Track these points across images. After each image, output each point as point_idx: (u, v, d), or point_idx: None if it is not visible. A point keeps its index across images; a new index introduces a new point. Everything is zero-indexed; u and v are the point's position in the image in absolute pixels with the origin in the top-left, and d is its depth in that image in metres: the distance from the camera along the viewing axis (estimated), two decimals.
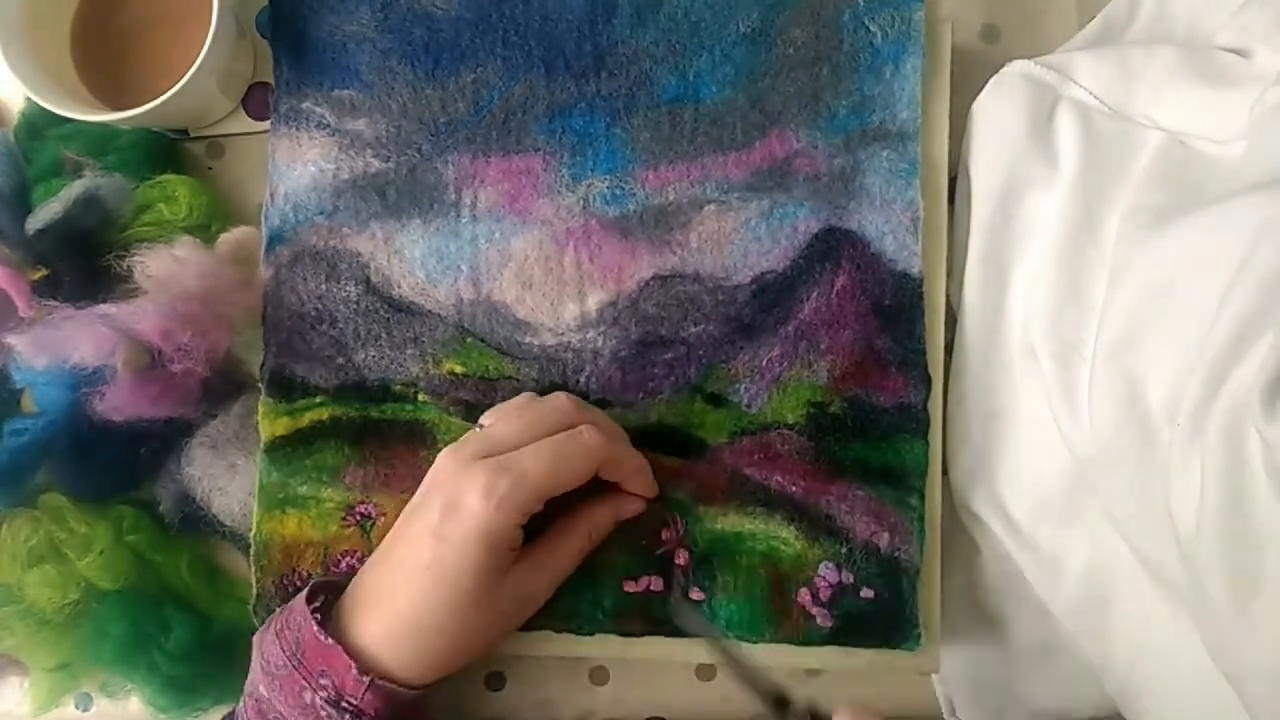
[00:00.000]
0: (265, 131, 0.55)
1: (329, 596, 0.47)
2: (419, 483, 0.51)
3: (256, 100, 0.56)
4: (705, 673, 0.55)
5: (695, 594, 0.50)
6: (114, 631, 0.52)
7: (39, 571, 0.52)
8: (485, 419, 0.48)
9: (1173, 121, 0.49)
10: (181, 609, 0.53)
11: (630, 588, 0.50)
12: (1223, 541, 0.40)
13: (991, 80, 0.52)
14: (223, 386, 0.53)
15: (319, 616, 0.45)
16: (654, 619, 0.50)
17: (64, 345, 0.48)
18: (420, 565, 0.44)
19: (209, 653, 0.53)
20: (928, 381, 0.51)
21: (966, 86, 0.52)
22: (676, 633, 0.50)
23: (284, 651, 0.45)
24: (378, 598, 0.45)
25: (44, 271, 0.52)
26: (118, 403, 0.49)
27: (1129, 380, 0.46)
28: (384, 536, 0.49)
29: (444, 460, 0.46)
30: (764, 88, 0.52)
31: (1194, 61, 0.49)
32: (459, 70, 0.53)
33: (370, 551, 0.51)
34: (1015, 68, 0.51)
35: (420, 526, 0.45)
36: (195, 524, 0.53)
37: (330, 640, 0.44)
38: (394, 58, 0.53)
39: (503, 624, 0.47)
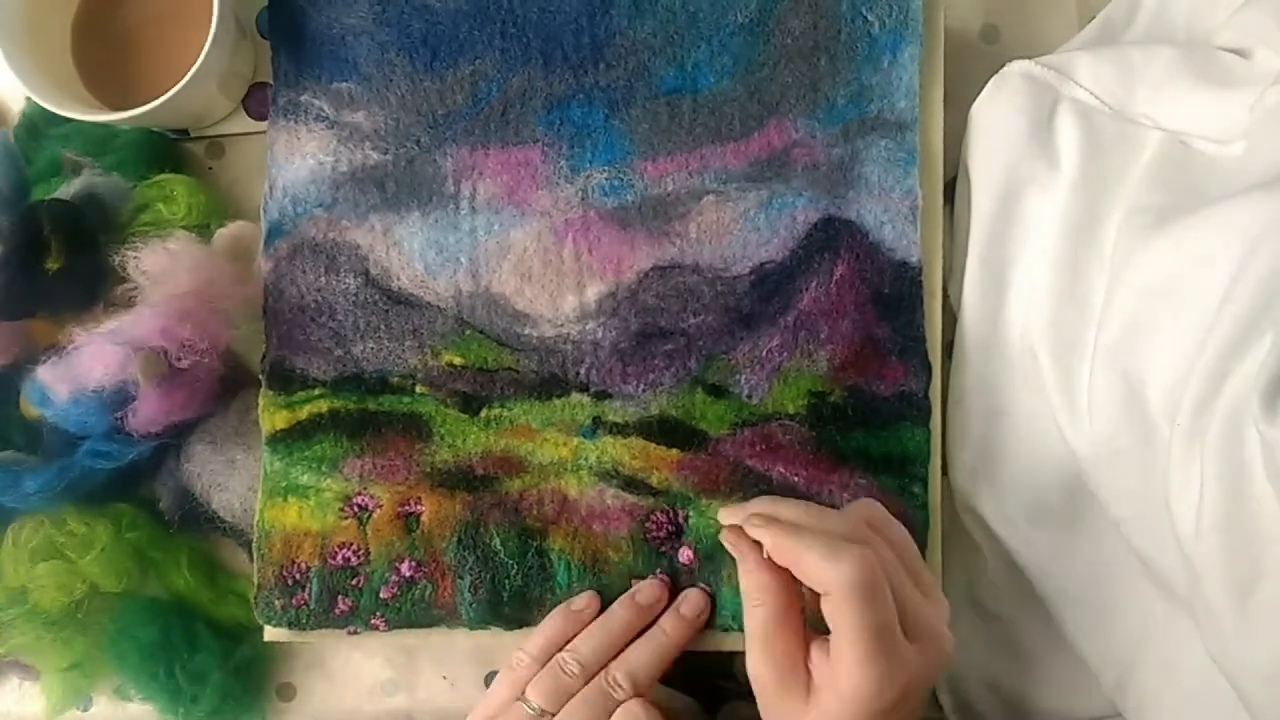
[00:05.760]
0: (265, 132, 0.55)
1: None
2: (413, 474, 0.51)
3: (256, 100, 0.56)
4: None
5: (701, 589, 0.49)
6: (142, 636, 0.52)
7: (44, 568, 0.52)
8: (535, 698, 0.45)
9: (1173, 121, 0.49)
10: (213, 632, 0.53)
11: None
12: (1222, 541, 0.40)
13: (991, 80, 0.52)
14: (223, 382, 0.53)
15: None
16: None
17: (80, 374, 0.48)
18: None
19: (228, 679, 0.53)
20: (928, 369, 0.51)
21: (966, 86, 0.52)
22: None
23: None
24: None
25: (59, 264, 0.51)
26: (150, 414, 0.49)
27: (1129, 380, 0.46)
28: (380, 533, 0.50)
29: None
30: (762, 78, 0.52)
31: (1194, 61, 0.49)
32: (457, 62, 0.53)
33: (366, 545, 0.51)
34: (1015, 68, 0.51)
35: None
36: (195, 521, 0.53)
37: None
38: (392, 50, 0.53)
39: None
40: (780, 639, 0.41)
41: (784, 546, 0.41)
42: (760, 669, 0.41)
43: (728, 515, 0.46)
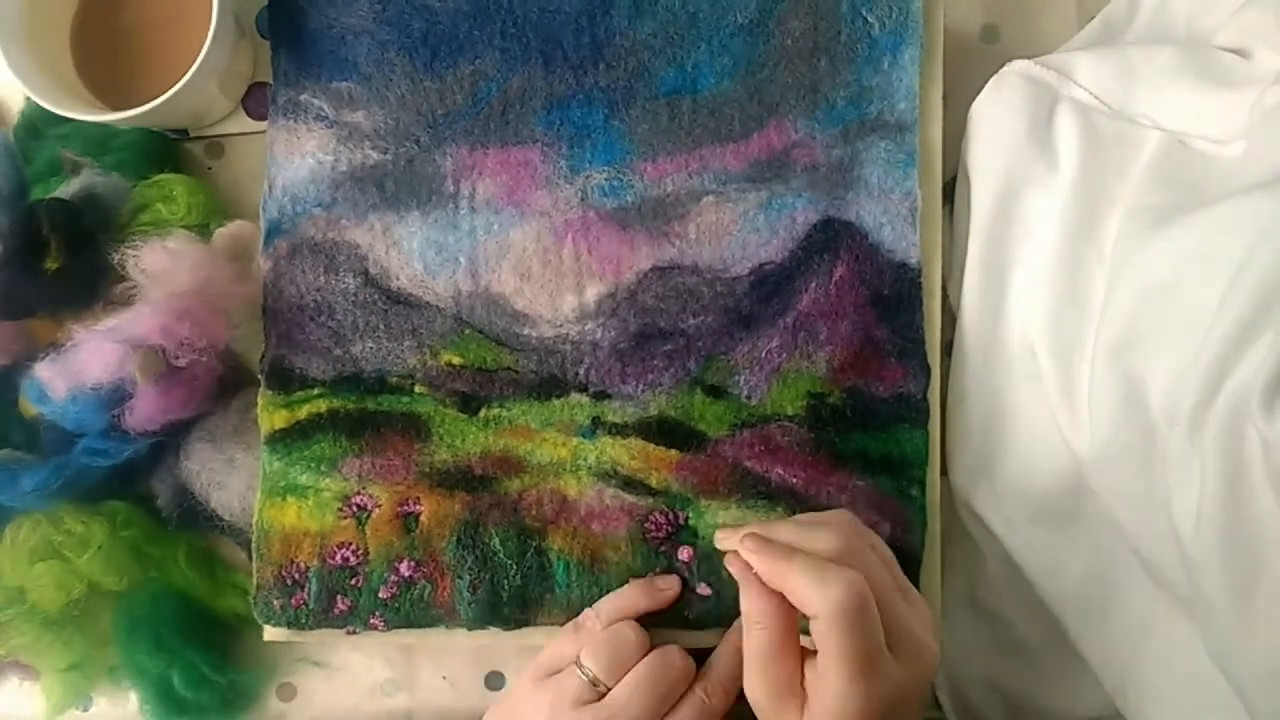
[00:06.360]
0: (265, 131, 0.55)
1: None
2: (412, 474, 0.51)
3: (256, 100, 0.56)
4: None
5: (702, 589, 0.49)
6: (146, 632, 0.52)
7: (42, 567, 0.52)
8: (591, 665, 0.45)
9: (1173, 121, 0.49)
10: (215, 631, 0.54)
11: None
12: (1222, 542, 0.40)
13: (991, 80, 0.52)
14: (221, 381, 0.53)
15: None
16: (659, 614, 0.49)
17: (78, 370, 0.48)
18: None
19: (221, 703, 0.53)
20: (926, 371, 0.51)
21: (966, 86, 0.52)
22: (684, 626, 0.50)
23: None
24: None
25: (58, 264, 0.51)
26: (147, 412, 0.49)
27: (1128, 380, 0.46)
28: (379, 532, 0.50)
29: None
30: (762, 79, 0.52)
31: (1194, 61, 0.49)
32: (457, 62, 0.53)
33: (365, 545, 0.51)
34: (1015, 68, 0.51)
35: None
36: (194, 518, 0.53)
37: None
38: (392, 50, 0.53)
39: None
40: (777, 662, 0.41)
41: (774, 571, 0.41)
42: (757, 691, 0.41)
43: (724, 539, 0.46)
